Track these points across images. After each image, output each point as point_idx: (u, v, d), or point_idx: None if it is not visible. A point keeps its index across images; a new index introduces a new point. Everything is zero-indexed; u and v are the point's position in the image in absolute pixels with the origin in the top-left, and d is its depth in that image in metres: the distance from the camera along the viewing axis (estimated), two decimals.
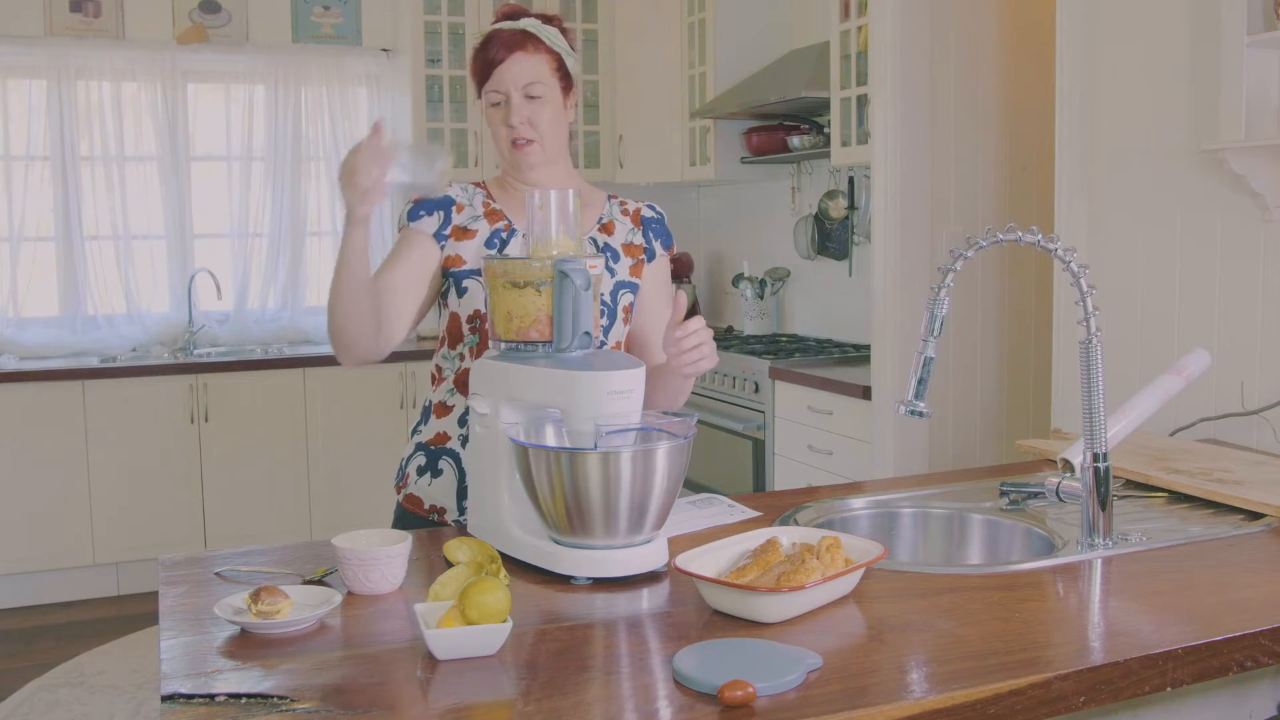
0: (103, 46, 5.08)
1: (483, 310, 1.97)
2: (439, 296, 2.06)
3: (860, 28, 3.97)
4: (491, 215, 2.04)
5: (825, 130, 4.49)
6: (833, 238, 4.71)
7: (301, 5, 5.43)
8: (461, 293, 2.02)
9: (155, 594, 1.60)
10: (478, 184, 2.11)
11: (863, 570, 1.51)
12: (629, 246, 2.09)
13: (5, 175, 5.04)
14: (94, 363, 4.91)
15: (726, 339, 4.97)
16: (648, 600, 1.52)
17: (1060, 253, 1.75)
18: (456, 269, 2.01)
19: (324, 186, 5.53)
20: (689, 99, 5.12)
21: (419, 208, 2.03)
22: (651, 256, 2.11)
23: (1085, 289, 1.74)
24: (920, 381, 1.81)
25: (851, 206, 4.57)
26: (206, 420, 4.88)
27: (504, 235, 2.03)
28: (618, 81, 5.55)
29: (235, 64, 5.34)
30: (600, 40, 5.52)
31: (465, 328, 2.02)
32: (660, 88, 5.29)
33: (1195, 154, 2.62)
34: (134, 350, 5.20)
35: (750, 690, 1.16)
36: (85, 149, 5.13)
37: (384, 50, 5.55)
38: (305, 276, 5.54)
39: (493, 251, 1.99)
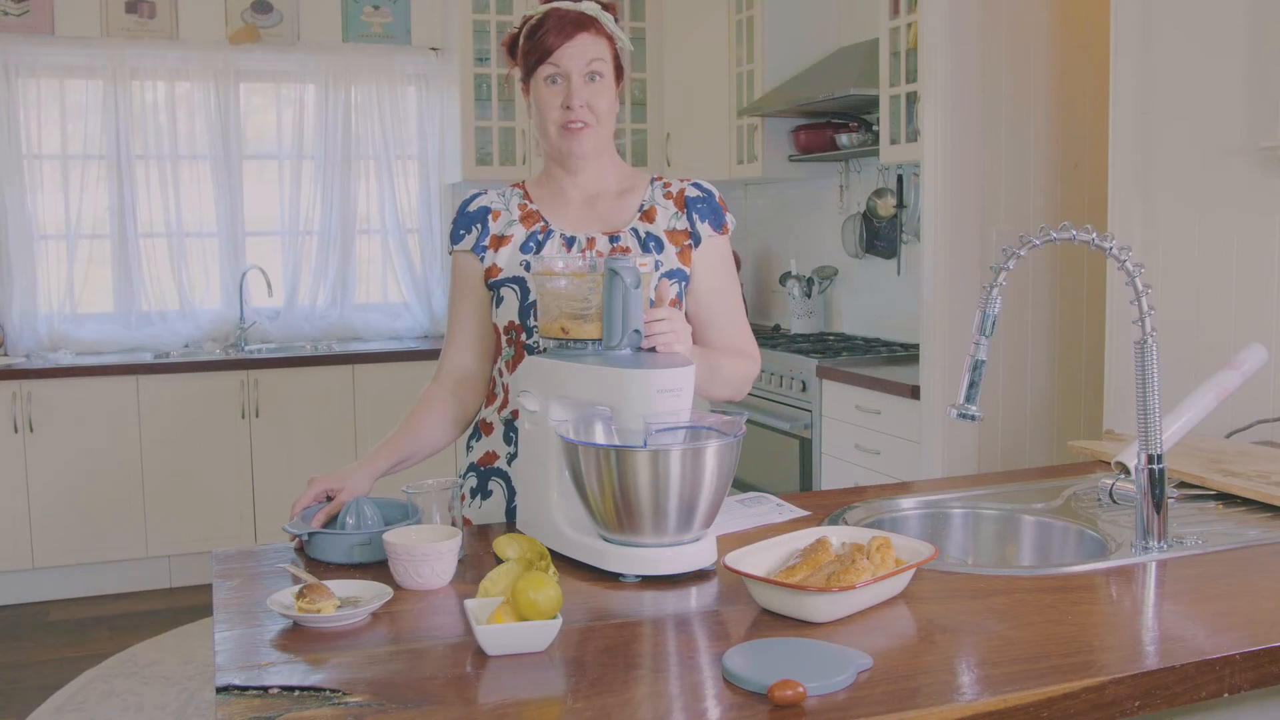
0: (157, 47, 5.16)
1: (516, 321, 1.93)
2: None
3: (909, 24, 3.94)
4: (528, 218, 1.98)
5: (874, 128, 4.46)
6: (881, 236, 4.68)
7: (351, 5, 5.48)
8: (498, 302, 1.96)
9: (206, 586, 1.62)
10: (517, 184, 2.05)
11: (913, 571, 1.50)
12: (673, 233, 1.97)
13: (63, 174, 5.13)
14: (147, 358, 4.99)
15: (774, 337, 4.96)
16: (696, 598, 1.52)
17: (1115, 251, 1.73)
18: (493, 279, 1.95)
19: (373, 184, 5.58)
20: (737, 97, 5.10)
21: (458, 227, 2.00)
22: (697, 241, 1.97)
23: (1140, 288, 1.71)
24: (971, 384, 1.80)
25: (900, 205, 4.54)
26: (257, 416, 4.94)
27: (540, 238, 1.96)
28: (665, 79, 5.55)
29: (286, 63, 5.40)
30: (648, 38, 5.53)
31: (503, 339, 1.97)
32: (708, 86, 5.28)
33: (1253, 151, 2.57)
34: (186, 346, 5.28)
35: (800, 690, 1.16)
36: (140, 148, 5.21)
37: (433, 49, 5.59)
38: (355, 274, 5.60)
39: (527, 256, 1.94)
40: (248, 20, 5.30)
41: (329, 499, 1.81)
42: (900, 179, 4.53)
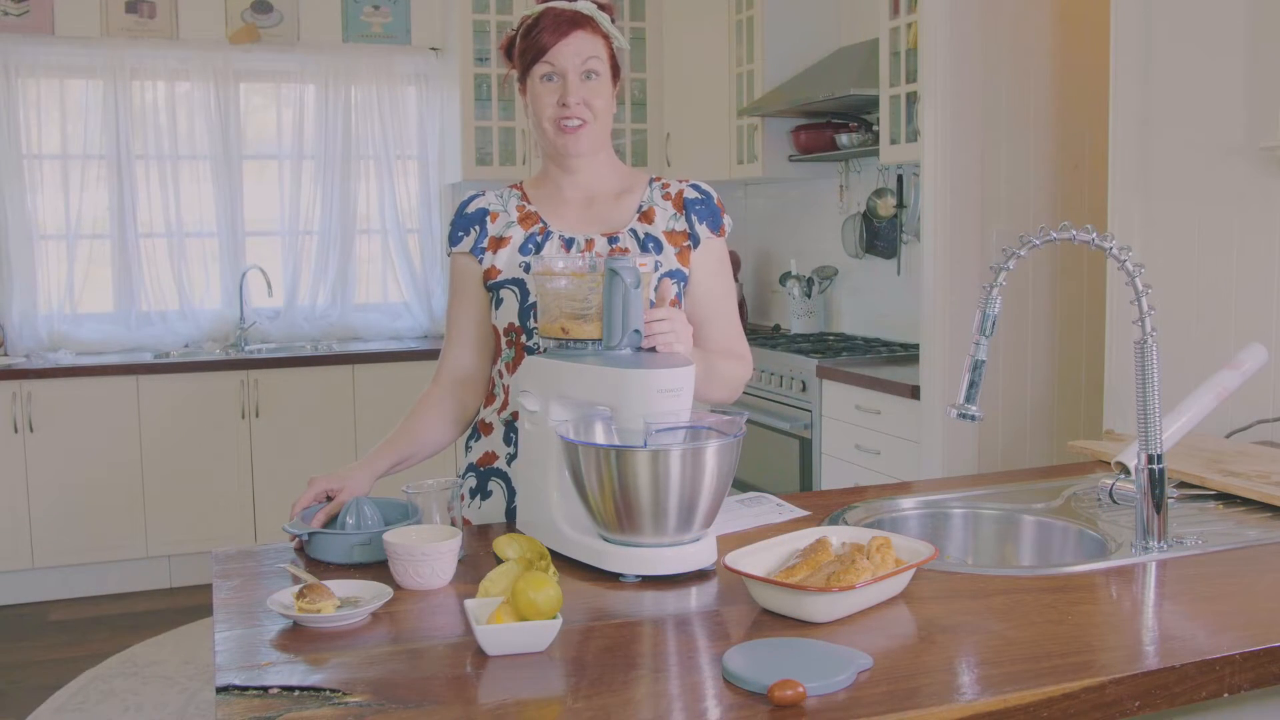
0: (157, 47, 5.16)
1: (516, 323, 1.94)
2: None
3: (909, 24, 3.94)
4: (526, 219, 1.98)
5: (874, 128, 4.46)
6: (881, 236, 4.68)
7: (351, 5, 5.48)
8: (498, 304, 1.96)
9: (206, 586, 1.63)
10: (515, 185, 2.06)
11: (913, 571, 1.50)
12: (671, 234, 1.98)
13: (63, 174, 5.13)
14: (147, 358, 4.99)
15: (774, 337, 4.96)
16: (696, 598, 1.52)
17: (1115, 251, 1.73)
18: (492, 280, 1.96)
19: (373, 184, 5.58)
20: (737, 97, 5.11)
21: (456, 229, 2.01)
22: (696, 243, 1.98)
23: (1140, 288, 1.71)
24: (971, 384, 1.80)
25: (900, 205, 4.54)
26: (257, 416, 4.94)
27: (538, 239, 1.96)
28: (665, 79, 5.55)
29: (286, 63, 5.40)
30: (648, 38, 5.53)
31: (503, 340, 1.97)
32: (708, 86, 5.28)
33: (1253, 151, 2.57)
34: (186, 346, 5.28)
35: (800, 690, 1.16)
36: (140, 148, 5.21)
37: (433, 49, 5.59)
38: (355, 274, 5.60)
39: (526, 258, 1.95)
40: (248, 20, 5.30)
41: (329, 499, 1.81)
42: (900, 179, 4.53)
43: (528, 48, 1.91)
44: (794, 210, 5.44)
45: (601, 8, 1.94)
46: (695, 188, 2.02)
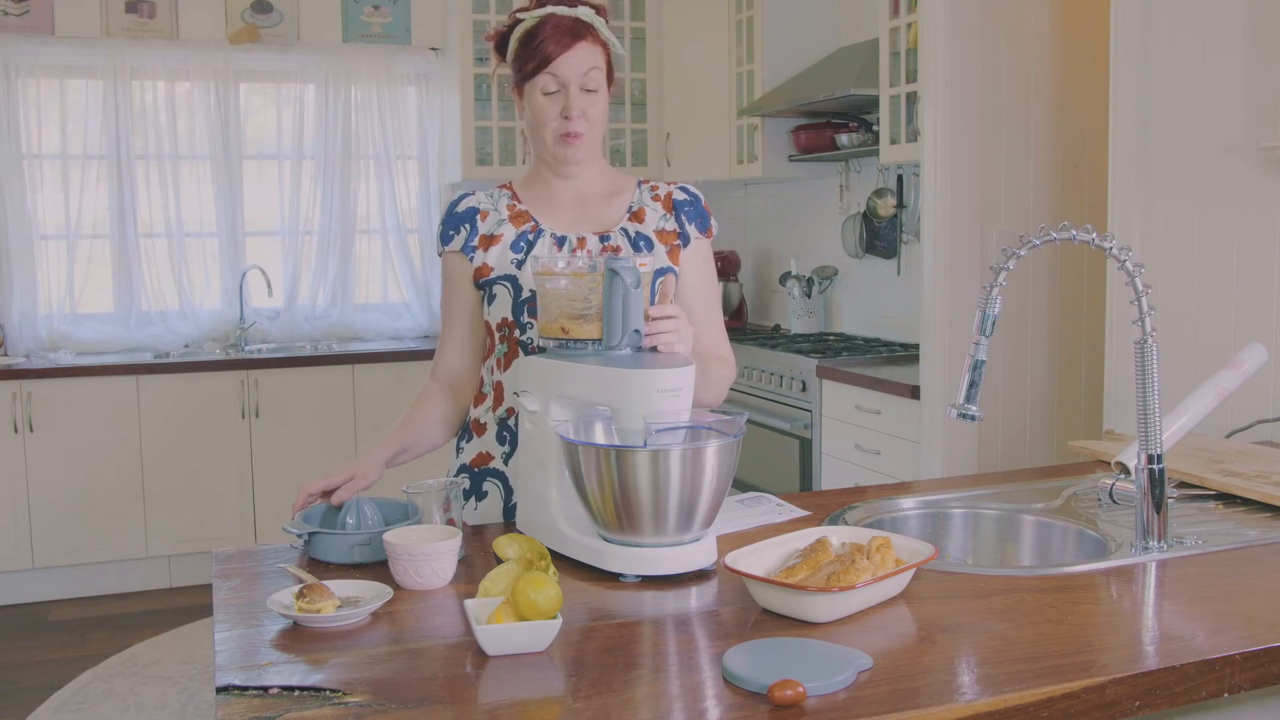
0: (157, 47, 5.16)
1: (510, 318, 1.95)
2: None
3: (909, 24, 3.94)
4: (517, 217, 2.00)
5: (874, 128, 4.46)
6: (881, 236, 4.68)
7: (351, 5, 5.48)
8: (490, 300, 1.97)
9: (206, 586, 1.63)
10: (504, 185, 2.07)
11: (913, 571, 1.50)
12: (662, 233, 2.01)
13: (63, 174, 5.13)
14: (148, 358, 4.99)
15: (774, 337, 4.96)
16: (696, 598, 1.52)
17: (1115, 251, 1.73)
18: (485, 278, 1.97)
19: (373, 184, 5.58)
20: (737, 97, 5.11)
21: (447, 228, 2.03)
22: (686, 242, 2.01)
23: (1140, 288, 1.71)
24: (971, 384, 1.80)
25: (900, 205, 4.54)
26: (257, 416, 4.94)
27: (530, 237, 1.97)
28: (665, 79, 5.54)
29: (286, 63, 5.40)
30: (648, 38, 5.53)
31: (496, 336, 1.98)
32: (708, 86, 5.28)
33: (1253, 151, 2.57)
34: (186, 346, 5.28)
35: (800, 690, 1.16)
36: (140, 148, 5.21)
37: (433, 49, 5.59)
38: (355, 274, 5.60)
39: (519, 255, 1.96)
40: (248, 20, 5.30)
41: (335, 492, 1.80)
42: (900, 179, 4.53)
43: (529, 56, 1.91)
44: (794, 210, 5.43)
45: (597, 10, 1.95)
46: (683, 189, 2.06)
